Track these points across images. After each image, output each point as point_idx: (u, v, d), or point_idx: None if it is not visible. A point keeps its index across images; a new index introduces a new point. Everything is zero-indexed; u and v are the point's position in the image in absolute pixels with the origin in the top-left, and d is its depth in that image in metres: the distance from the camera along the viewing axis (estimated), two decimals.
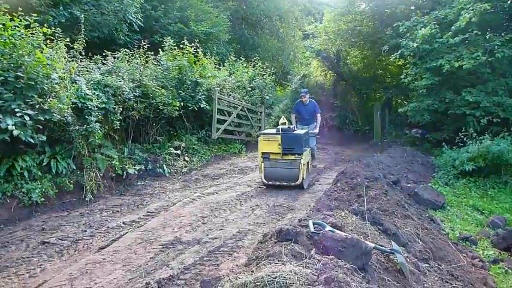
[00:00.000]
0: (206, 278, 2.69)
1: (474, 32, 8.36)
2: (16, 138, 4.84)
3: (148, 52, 8.77)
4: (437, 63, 8.96)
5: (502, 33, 8.76)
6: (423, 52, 9.48)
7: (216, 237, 4.29)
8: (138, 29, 11.24)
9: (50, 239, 4.32)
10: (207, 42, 13.68)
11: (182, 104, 8.78)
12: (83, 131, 5.90)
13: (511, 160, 7.34)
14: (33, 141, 5.10)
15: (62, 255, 3.92)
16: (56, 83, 5.60)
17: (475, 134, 8.07)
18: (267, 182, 6.50)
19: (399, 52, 10.28)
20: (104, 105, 6.44)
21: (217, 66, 11.92)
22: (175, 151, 8.40)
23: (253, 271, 2.20)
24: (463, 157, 7.74)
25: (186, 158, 8.76)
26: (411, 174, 7.78)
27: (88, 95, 6.06)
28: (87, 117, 5.95)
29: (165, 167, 7.78)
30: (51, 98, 5.44)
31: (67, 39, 6.46)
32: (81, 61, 6.94)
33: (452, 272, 3.44)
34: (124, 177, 6.78)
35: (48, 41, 5.97)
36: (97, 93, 6.39)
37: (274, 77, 15.49)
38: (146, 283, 3.17)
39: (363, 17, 13.97)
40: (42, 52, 5.46)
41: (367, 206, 4.00)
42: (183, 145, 8.91)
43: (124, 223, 4.87)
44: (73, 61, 6.52)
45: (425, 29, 9.11)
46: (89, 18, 9.31)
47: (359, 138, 14.18)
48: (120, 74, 7.37)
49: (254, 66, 14.06)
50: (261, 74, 13.98)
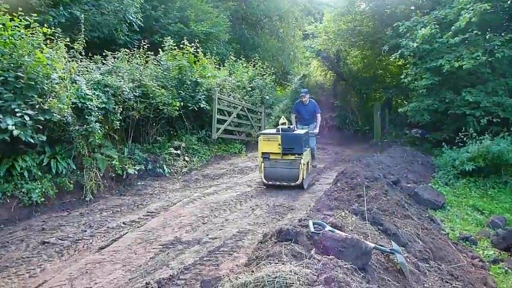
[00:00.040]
0: (206, 278, 2.69)
1: (474, 32, 8.36)
2: (16, 138, 4.84)
3: (148, 52, 8.78)
4: (437, 63, 8.96)
5: (502, 33, 8.76)
6: (423, 52, 9.48)
7: (216, 237, 4.29)
8: (138, 29, 11.25)
9: (50, 239, 4.32)
10: (207, 42, 13.69)
11: (182, 104, 8.78)
12: (83, 131, 5.91)
13: (511, 160, 7.34)
14: (33, 141, 5.10)
15: (62, 255, 3.92)
16: (56, 83, 5.60)
17: (475, 134, 8.07)
18: (267, 182, 6.50)
19: (399, 52, 10.27)
20: (104, 105, 6.44)
21: (217, 66, 11.92)
22: (175, 151, 8.40)
23: (253, 271, 2.20)
24: (463, 157, 7.75)
25: (186, 158, 8.76)
26: (411, 174, 7.78)
27: (88, 95, 6.06)
28: (87, 117, 5.95)
29: (165, 167, 7.78)
30: (51, 98, 5.45)
31: (67, 39, 6.47)
32: (81, 61, 6.94)
33: (452, 272, 3.44)
34: (124, 177, 6.79)
35: (48, 41, 5.97)
36: (97, 93, 6.40)
37: (274, 77, 15.50)
38: (146, 283, 3.17)
39: (362, 17, 13.97)
40: (42, 52, 5.47)
41: (367, 206, 4.00)
42: (183, 145, 8.91)
43: (124, 223, 4.87)
44: (73, 61, 6.52)
45: (425, 29, 9.11)
46: (89, 18, 9.32)
47: (359, 138, 14.18)
48: (120, 74, 7.37)
49: (254, 66, 14.06)
50: (261, 74, 13.98)
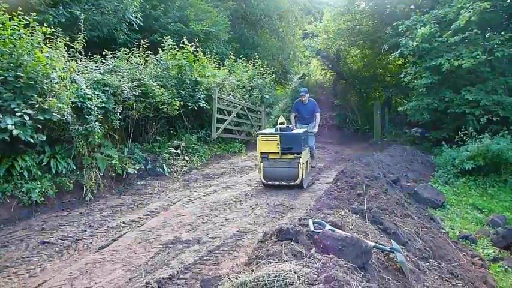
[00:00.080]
0: (206, 278, 2.69)
1: (474, 31, 8.37)
2: (16, 137, 4.84)
3: (148, 51, 8.77)
4: (436, 62, 8.96)
5: (501, 32, 8.75)
6: (423, 51, 9.48)
7: (216, 237, 4.29)
8: (137, 28, 11.24)
9: (49, 238, 4.32)
10: (207, 42, 13.69)
11: (182, 104, 8.78)
12: (83, 130, 5.90)
13: (511, 159, 7.35)
14: (32, 141, 5.10)
15: (62, 255, 3.92)
16: (56, 83, 5.60)
17: (475, 132, 8.08)
18: (266, 182, 6.49)
19: (399, 51, 10.27)
20: (104, 105, 6.44)
21: (217, 65, 11.92)
22: (175, 150, 8.39)
23: (253, 270, 2.20)
24: (463, 156, 7.75)
25: (186, 157, 8.76)
26: (411, 173, 7.78)
27: (88, 94, 6.06)
28: (87, 116, 5.95)
29: (165, 166, 7.78)
30: (51, 98, 5.44)
31: (67, 39, 6.46)
32: (80, 60, 6.94)
33: (452, 271, 3.44)
34: (124, 177, 6.79)
35: (47, 40, 5.97)
36: (97, 93, 6.39)
37: (274, 76, 15.48)
38: (146, 283, 3.17)
39: (362, 16, 13.97)
40: (41, 51, 5.46)
41: (367, 205, 4.00)
42: (183, 144, 8.90)
43: (124, 223, 4.87)
44: (73, 60, 6.51)
45: (425, 28, 9.11)
46: (88, 17, 9.31)
47: (359, 137, 14.17)
48: (119, 74, 7.37)
49: (254, 66, 14.06)
50: (260, 73, 13.97)
